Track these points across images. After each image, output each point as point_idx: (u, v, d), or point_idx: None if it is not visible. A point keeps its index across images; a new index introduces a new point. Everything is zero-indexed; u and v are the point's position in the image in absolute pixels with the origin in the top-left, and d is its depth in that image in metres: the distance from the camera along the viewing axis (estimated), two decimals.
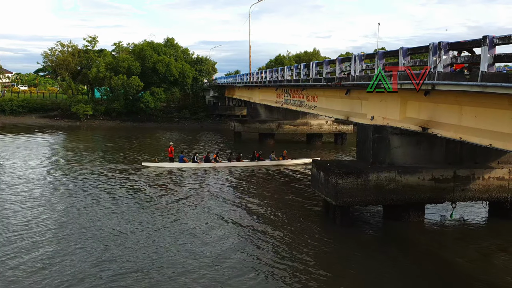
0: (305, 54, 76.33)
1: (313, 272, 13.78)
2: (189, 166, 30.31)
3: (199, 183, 25.99)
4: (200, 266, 13.93)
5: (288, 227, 18.04)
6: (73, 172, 27.99)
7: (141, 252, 14.92)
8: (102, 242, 15.80)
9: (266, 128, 45.26)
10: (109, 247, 15.30)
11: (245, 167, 30.99)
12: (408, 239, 17.24)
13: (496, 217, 19.53)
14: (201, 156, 32.13)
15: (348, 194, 17.61)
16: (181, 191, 23.80)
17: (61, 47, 68.15)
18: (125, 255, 14.62)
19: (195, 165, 30.41)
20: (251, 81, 44.39)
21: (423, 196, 18.20)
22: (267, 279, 13.30)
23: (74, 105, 61.12)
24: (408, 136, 18.37)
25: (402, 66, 15.94)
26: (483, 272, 14.10)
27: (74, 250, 15.03)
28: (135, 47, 67.73)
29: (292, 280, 13.20)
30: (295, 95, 32.63)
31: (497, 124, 13.29)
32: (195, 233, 16.97)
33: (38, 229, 17.01)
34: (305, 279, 13.25)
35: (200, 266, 13.89)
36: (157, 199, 21.92)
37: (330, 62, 24.20)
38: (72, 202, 21.10)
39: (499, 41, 11.72)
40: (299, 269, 14.02)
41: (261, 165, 31.79)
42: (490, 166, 18.80)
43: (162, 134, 52.93)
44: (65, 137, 48.27)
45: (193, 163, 30.52)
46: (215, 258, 14.59)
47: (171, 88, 66.69)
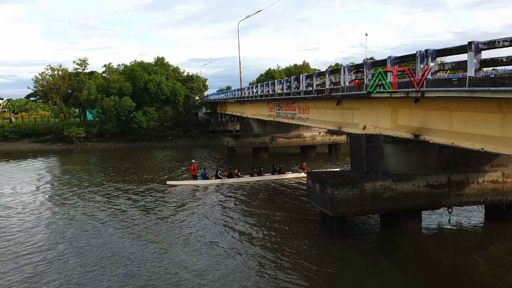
0: (295, 67, 76.77)
1: (314, 284, 13.71)
2: (213, 182, 30.72)
3: (223, 198, 26.44)
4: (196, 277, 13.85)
5: (286, 240, 17.97)
6: (101, 196, 27.82)
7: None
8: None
9: (260, 142, 45.34)
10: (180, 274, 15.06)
11: (268, 180, 31.37)
12: (407, 247, 17.20)
13: (493, 220, 19.57)
14: (224, 173, 32.38)
15: (345, 204, 17.60)
16: (208, 209, 23.93)
17: (51, 71, 68.28)
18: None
19: (219, 181, 30.80)
20: (242, 96, 44.55)
21: (419, 203, 18.24)
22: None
23: (67, 128, 60.88)
24: (401, 143, 18.46)
25: (392, 66, 15.99)
26: (483, 276, 14.08)
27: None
28: (125, 68, 67.93)
29: None
30: (286, 108, 32.75)
31: (488, 128, 13.40)
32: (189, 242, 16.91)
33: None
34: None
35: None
36: (197, 218, 22.06)
37: (320, 74, 24.36)
38: (119, 228, 20.97)
39: (484, 46, 11.87)
40: (299, 281, 13.94)
41: (282, 178, 32.23)
42: (483, 169, 18.90)
43: (157, 153, 52.82)
44: (64, 160, 47.97)
45: (216, 179, 30.93)
46: (216, 273, 14.51)
47: (163, 106, 66.79)
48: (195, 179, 31.38)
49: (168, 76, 67.05)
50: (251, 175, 32.20)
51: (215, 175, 31.40)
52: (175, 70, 70.43)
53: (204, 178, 31.08)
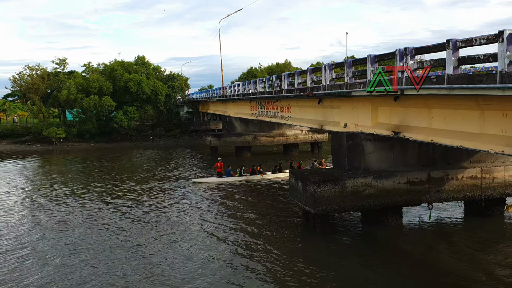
0: (277, 65, 77.02)
1: (296, 281, 13.74)
2: (237, 179, 31.14)
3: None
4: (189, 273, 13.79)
5: (270, 239, 17.98)
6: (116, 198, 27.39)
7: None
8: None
9: (243, 141, 45.28)
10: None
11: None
12: (388, 243, 17.36)
13: (472, 216, 19.90)
14: (248, 169, 32.58)
15: (326, 202, 17.70)
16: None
17: (30, 70, 67.14)
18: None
19: (244, 178, 31.25)
20: (224, 95, 44.45)
21: (400, 200, 18.44)
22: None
23: (46, 128, 59.85)
24: (381, 141, 18.62)
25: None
26: (463, 270, 14.28)
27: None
28: (105, 67, 67.18)
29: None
30: (269, 107, 32.79)
31: (466, 125, 13.60)
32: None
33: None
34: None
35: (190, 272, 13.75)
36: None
37: (301, 72, 24.45)
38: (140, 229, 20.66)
39: (462, 44, 12.04)
40: (282, 278, 13.96)
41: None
42: (462, 166, 19.19)
43: (138, 153, 52.37)
44: (43, 162, 47.21)
45: (240, 176, 31.34)
46: (201, 264, 14.46)
47: (144, 106, 66.30)
48: (220, 177, 31.70)
49: (148, 75, 66.51)
50: (273, 172, 32.57)
51: (239, 172, 31.84)
52: (156, 69, 69.96)
53: (229, 176, 31.48)
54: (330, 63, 20.38)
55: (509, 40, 10.28)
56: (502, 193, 19.41)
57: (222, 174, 31.97)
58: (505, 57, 10.30)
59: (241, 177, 31.36)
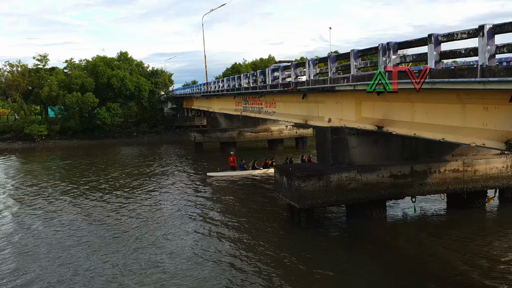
0: (261, 61, 76.87)
1: (282, 273, 13.82)
2: (250, 172, 31.47)
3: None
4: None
5: (256, 234, 18.02)
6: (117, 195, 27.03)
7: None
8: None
9: (227, 137, 45.20)
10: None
11: None
12: (372, 236, 17.53)
13: (454, 208, 20.19)
14: (260, 163, 32.64)
15: (311, 196, 17.79)
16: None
17: (10, 67, 66.11)
18: None
19: (257, 171, 31.52)
20: (208, 91, 44.28)
21: (383, 193, 18.62)
22: (234, 283, 13.25)
23: (27, 126, 58.98)
24: (365, 135, 18.76)
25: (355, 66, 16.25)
26: (447, 260, 14.51)
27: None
28: (87, 63, 66.24)
29: (262, 284, 13.19)
30: (253, 102, 32.76)
31: (448, 119, 13.78)
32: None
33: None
34: (275, 282, 13.26)
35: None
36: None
37: (285, 67, 24.45)
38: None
39: (443, 38, 12.17)
40: (267, 272, 14.02)
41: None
42: (445, 159, 19.45)
43: (122, 149, 51.94)
44: (25, 159, 46.51)
45: (253, 170, 31.62)
46: (187, 259, 14.43)
47: (127, 102, 65.65)
48: (234, 170, 31.80)
49: (131, 71, 65.77)
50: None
51: (252, 165, 32.01)
52: (139, 65, 69.20)
53: (242, 169, 31.72)
54: (314, 58, 20.42)
55: (490, 34, 10.43)
56: (483, 185, 19.72)
57: (236, 168, 32.17)
58: (486, 51, 10.45)
59: (255, 170, 31.51)
